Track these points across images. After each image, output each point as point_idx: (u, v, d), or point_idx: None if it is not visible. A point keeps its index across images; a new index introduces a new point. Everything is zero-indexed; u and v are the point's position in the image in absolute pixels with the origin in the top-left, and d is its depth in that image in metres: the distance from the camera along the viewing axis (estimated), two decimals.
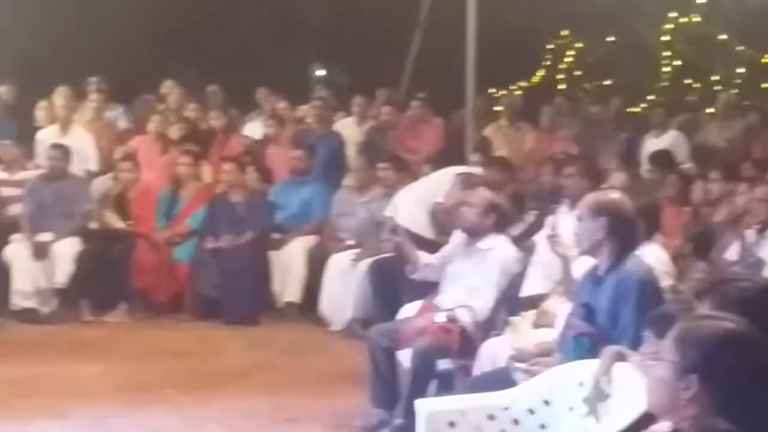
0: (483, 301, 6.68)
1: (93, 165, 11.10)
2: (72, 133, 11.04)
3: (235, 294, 9.76)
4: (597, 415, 4.54)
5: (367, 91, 12.50)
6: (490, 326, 6.59)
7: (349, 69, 18.01)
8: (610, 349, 4.63)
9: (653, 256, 6.07)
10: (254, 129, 12.00)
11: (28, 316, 9.76)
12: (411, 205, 9.06)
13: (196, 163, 10.65)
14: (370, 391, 6.80)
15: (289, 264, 10.14)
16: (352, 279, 9.47)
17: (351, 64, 17.74)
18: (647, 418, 3.45)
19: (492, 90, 14.64)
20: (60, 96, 11.37)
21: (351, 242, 9.93)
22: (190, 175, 10.54)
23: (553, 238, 6.17)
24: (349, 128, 11.73)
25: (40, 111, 11.50)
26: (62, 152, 10.29)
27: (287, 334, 9.44)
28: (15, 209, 10.27)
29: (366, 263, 9.37)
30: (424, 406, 5.02)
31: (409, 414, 5.69)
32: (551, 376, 4.90)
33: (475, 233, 6.95)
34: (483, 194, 7.10)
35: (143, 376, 7.92)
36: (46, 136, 11.02)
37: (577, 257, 5.75)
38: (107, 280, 9.94)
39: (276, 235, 10.30)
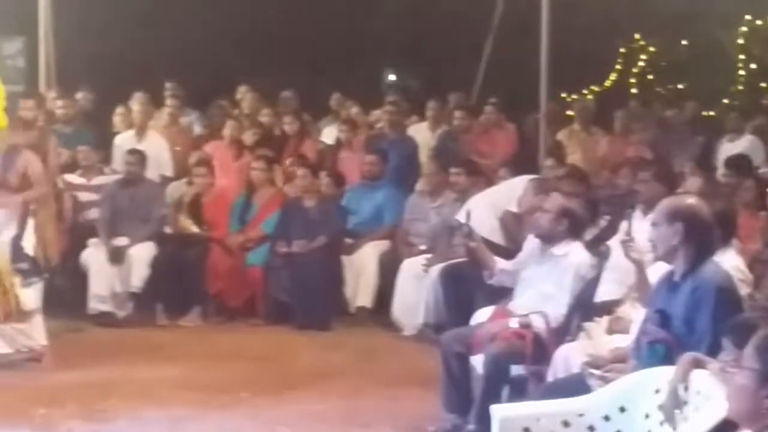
0: (556, 307, 6.65)
1: (168, 170, 11.23)
2: (148, 139, 11.18)
3: (307, 299, 9.81)
4: (673, 423, 4.50)
5: (438, 95, 12.50)
6: (563, 332, 6.55)
7: (421, 74, 18.05)
8: (687, 356, 4.58)
9: (729, 262, 6.00)
10: (330, 134, 12.04)
11: (104, 319, 9.89)
12: (483, 211, 9.05)
13: (270, 168, 10.71)
14: (443, 396, 6.79)
15: (361, 269, 10.17)
16: (424, 284, 9.48)
17: (422, 68, 17.77)
18: (726, 426, 3.42)
19: (564, 94, 14.59)
20: (136, 102, 11.51)
21: (423, 247, 9.93)
22: (264, 180, 10.60)
23: (627, 244, 6.12)
24: (422, 133, 11.75)
25: (117, 117, 11.66)
26: (138, 157, 10.42)
27: (359, 338, 9.47)
28: (92, 214, 10.41)
29: (438, 268, 9.37)
30: (498, 411, 5.01)
31: (483, 419, 5.68)
32: (626, 382, 4.86)
33: (548, 239, 6.92)
34: (556, 199, 7.07)
35: (217, 379, 8.00)
36: (123, 141, 11.17)
37: (652, 263, 5.70)
38: (181, 284, 10.05)
39: (348, 240, 10.34)
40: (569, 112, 12.77)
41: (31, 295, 8.28)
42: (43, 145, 9.50)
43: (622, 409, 4.79)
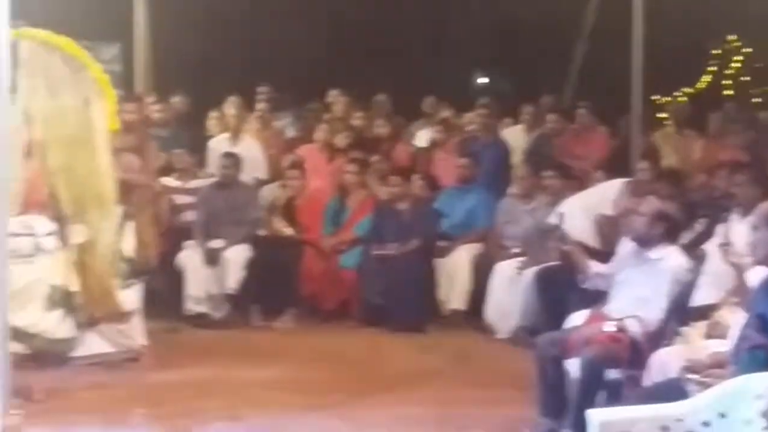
0: (653, 312, 6.61)
1: (262, 173, 11.33)
2: (242, 142, 11.30)
3: (401, 301, 9.86)
4: None
5: (530, 98, 12.47)
6: (659, 336, 6.51)
7: (512, 76, 18.01)
8: None
9: None
10: (424, 137, 12.06)
11: (200, 320, 10.04)
12: (576, 214, 9.05)
13: (363, 171, 10.77)
14: (538, 399, 6.77)
15: (454, 271, 10.19)
16: (517, 287, 9.48)
17: (513, 71, 17.73)
18: None
19: (655, 97, 14.46)
20: (230, 106, 11.63)
21: (516, 250, 9.92)
22: (356, 183, 10.67)
23: (725, 247, 6.07)
24: (516, 136, 11.74)
25: (212, 120, 11.80)
26: (233, 161, 10.55)
27: (453, 341, 9.49)
28: (188, 216, 10.55)
29: (531, 271, 9.37)
30: (595, 416, 4.98)
31: (578, 423, 5.67)
32: (726, 388, 4.81)
33: (644, 242, 6.88)
34: (652, 203, 7.03)
35: (312, 381, 8.07)
36: (217, 144, 11.30)
37: (752, 266, 5.64)
38: (276, 286, 10.14)
39: (441, 243, 10.36)
40: (661, 115, 12.66)
41: (130, 297, 8.44)
42: (142, 148, 9.68)
43: (722, 415, 4.74)
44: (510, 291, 9.55)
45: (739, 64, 17.19)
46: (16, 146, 7.15)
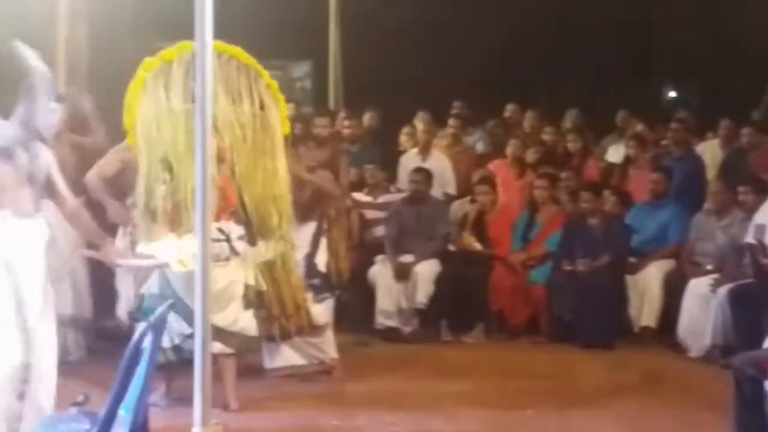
0: None
1: (451, 188, 11.40)
2: (431, 157, 11.39)
3: (590, 317, 9.77)
4: None
5: (723, 112, 12.21)
6: None
7: (701, 90, 17.67)
8: None
9: None
10: (616, 152, 11.94)
11: (390, 334, 10.15)
12: None
13: (553, 186, 10.73)
14: (735, 421, 6.61)
15: (645, 288, 10.05)
16: (711, 305, 9.28)
17: (703, 84, 17.40)
18: None
19: None
20: (420, 121, 11.76)
21: (710, 267, 9.72)
22: (547, 198, 10.63)
23: None
24: (712, 151, 11.52)
25: (404, 136, 11.93)
26: (424, 176, 10.64)
27: (643, 359, 9.36)
28: (378, 231, 10.68)
29: (726, 289, 9.17)
30: None
31: None
32: None
33: None
34: None
35: (502, 396, 8.05)
36: (408, 160, 11.42)
37: None
38: (465, 301, 10.20)
39: (632, 259, 10.24)
40: None
41: (322, 311, 8.59)
42: (334, 163, 9.86)
43: None
44: (703, 309, 9.36)
45: None
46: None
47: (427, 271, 10.22)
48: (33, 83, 5.77)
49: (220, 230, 7.34)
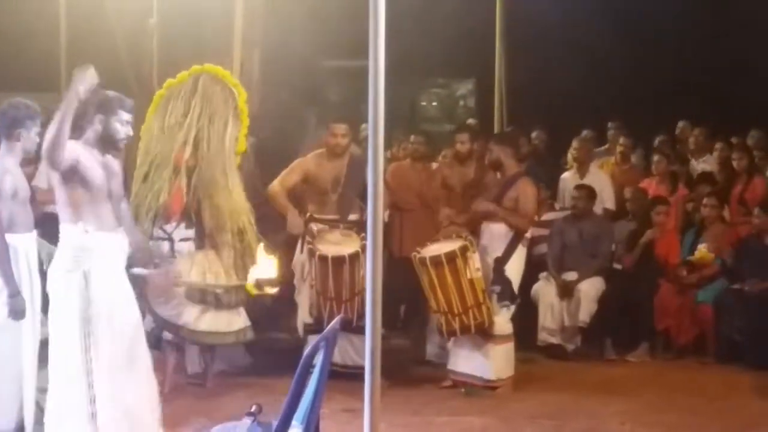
0: None
1: (611, 205, 11.31)
2: (591, 175, 11.30)
3: (760, 338, 9.57)
4: None
5: None
6: None
7: None
8: None
9: None
10: None
11: (553, 351, 10.13)
12: None
13: (720, 204, 10.57)
14: None
15: None
16: None
17: None
18: None
19: None
20: (580, 140, 11.73)
21: None
22: (714, 217, 10.47)
23: None
24: None
25: (569, 154, 11.89)
26: (586, 192, 10.60)
27: None
28: (542, 248, 10.67)
29: None
30: None
31: None
32: None
33: None
34: None
35: (669, 416, 7.98)
36: (568, 177, 11.39)
37: None
38: (630, 320, 10.13)
39: None
40: None
41: (506, 320, 8.72)
42: (481, 182, 9.87)
43: None
44: None
45: None
46: None
47: (590, 288, 10.18)
48: (107, 97, 6.03)
49: (163, 230, 8.14)
